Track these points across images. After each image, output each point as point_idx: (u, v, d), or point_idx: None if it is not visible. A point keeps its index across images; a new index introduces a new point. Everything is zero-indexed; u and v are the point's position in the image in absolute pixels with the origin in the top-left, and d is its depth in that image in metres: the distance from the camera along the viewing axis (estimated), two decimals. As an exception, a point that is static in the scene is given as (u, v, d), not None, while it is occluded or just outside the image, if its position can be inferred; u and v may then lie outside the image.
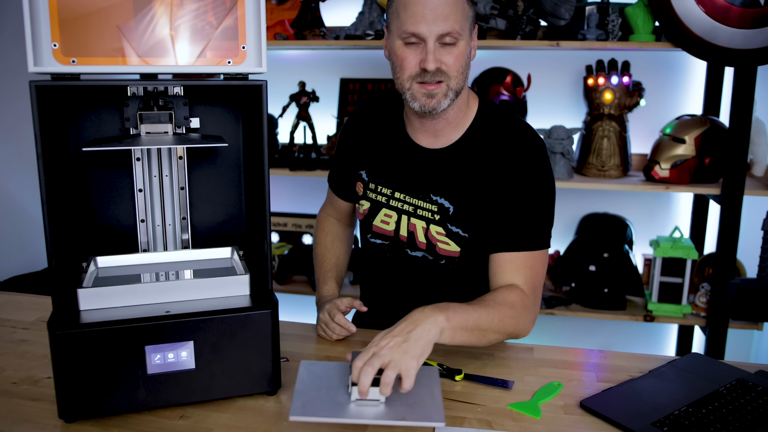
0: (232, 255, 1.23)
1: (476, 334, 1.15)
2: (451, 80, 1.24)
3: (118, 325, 1.00)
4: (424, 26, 1.19)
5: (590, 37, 2.23)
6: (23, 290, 2.45)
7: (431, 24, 1.19)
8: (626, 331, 2.70)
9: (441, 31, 1.19)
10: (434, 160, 1.34)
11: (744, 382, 1.15)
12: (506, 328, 1.20)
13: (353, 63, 2.75)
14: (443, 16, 1.19)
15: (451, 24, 1.19)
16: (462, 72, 1.25)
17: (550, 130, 2.35)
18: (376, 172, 1.40)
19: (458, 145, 1.32)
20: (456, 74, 1.24)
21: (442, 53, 1.21)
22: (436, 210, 1.33)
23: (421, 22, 1.19)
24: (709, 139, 2.23)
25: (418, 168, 1.35)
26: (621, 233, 2.51)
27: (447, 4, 1.19)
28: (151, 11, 1.01)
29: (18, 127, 2.74)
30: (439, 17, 1.18)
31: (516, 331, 1.23)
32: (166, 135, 1.14)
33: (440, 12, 1.18)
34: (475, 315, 1.14)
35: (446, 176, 1.32)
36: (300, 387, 1.01)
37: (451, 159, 1.32)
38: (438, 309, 1.09)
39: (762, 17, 1.99)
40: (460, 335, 1.12)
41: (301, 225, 2.83)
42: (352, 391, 0.97)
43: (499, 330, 1.19)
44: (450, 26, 1.19)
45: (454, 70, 1.23)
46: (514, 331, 1.22)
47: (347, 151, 1.47)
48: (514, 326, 1.21)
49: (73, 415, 1.02)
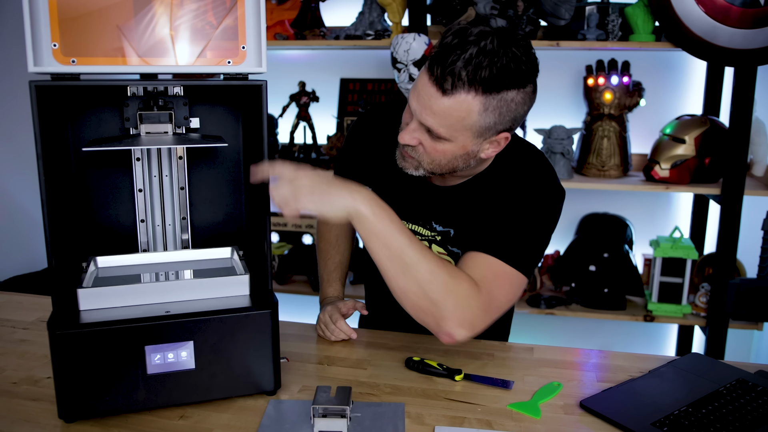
0: (232, 255, 1.23)
1: (396, 261, 1.03)
2: (423, 163, 1.13)
3: (118, 325, 1.00)
4: (414, 103, 1.08)
5: (590, 37, 2.23)
6: (23, 290, 2.45)
7: (420, 107, 1.07)
8: (626, 331, 2.70)
9: (424, 121, 1.07)
10: (440, 195, 1.27)
11: (744, 382, 1.15)
12: (432, 289, 1.03)
13: (353, 63, 2.75)
14: (431, 111, 1.05)
15: (436, 124, 1.06)
16: (441, 165, 1.13)
17: (550, 130, 2.35)
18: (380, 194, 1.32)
19: (467, 185, 1.25)
20: (430, 161, 1.12)
21: (424, 137, 1.09)
22: (436, 234, 1.29)
23: (414, 97, 1.08)
24: (709, 139, 2.23)
25: (422, 200, 1.29)
26: (621, 233, 2.51)
27: (440, 103, 1.03)
28: (151, 11, 1.01)
29: (18, 127, 2.74)
30: (427, 108, 1.05)
31: (441, 306, 1.04)
32: (166, 135, 1.14)
33: (430, 105, 1.04)
34: (407, 241, 1.02)
35: (451, 210, 1.26)
36: (266, 422, 1.04)
37: (458, 196, 1.26)
38: (372, 199, 1.02)
39: (762, 17, 1.99)
40: (375, 242, 1.02)
41: (301, 225, 2.83)
42: (315, 423, 0.98)
43: (423, 280, 1.03)
44: (433, 124, 1.06)
45: (428, 157, 1.12)
46: (440, 303, 1.04)
47: (354, 161, 1.40)
48: (442, 295, 1.04)
49: (73, 415, 1.02)
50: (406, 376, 1.20)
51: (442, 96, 1.03)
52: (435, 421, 1.05)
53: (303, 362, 1.26)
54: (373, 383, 1.18)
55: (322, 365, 1.25)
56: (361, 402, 1.10)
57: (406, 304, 1.08)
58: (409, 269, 1.03)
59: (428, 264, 1.04)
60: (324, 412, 0.98)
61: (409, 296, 1.06)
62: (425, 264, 1.03)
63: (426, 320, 1.08)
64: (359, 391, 1.15)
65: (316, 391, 1.02)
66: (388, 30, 2.43)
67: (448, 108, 1.03)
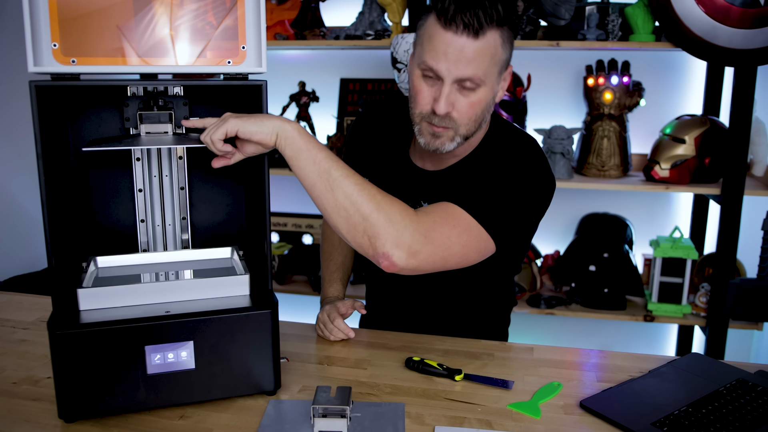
0: (232, 255, 1.23)
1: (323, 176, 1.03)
2: (460, 128, 1.15)
3: (118, 325, 1.00)
4: (443, 65, 1.09)
5: (590, 37, 2.23)
6: (23, 290, 2.45)
7: (452, 64, 1.09)
8: (626, 331, 2.70)
9: (461, 75, 1.09)
10: (431, 180, 1.31)
11: (744, 382, 1.15)
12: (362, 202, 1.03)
13: (353, 63, 2.75)
14: (466, 60, 1.08)
15: (473, 69, 1.09)
16: (475, 120, 1.16)
17: (550, 130, 2.35)
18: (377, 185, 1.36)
19: (457, 167, 1.29)
20: (467, 122, 1.15)
21: (457, 97, 1.12)
22: None
23: (441, 59, 1.09)
24: (709, 139, 2.23)
25: (413, 186, 1.33)
26: (621, 233, 2.51)
27: (475, 48, 1.07)
28: (151, 11, 1.01)
29: (18, 127, 2.74)
30: (461, 59, 1.08)
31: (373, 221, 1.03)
32: (166, 135, 1.14)
33: (465, 54, 1.08)
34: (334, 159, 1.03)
35: (440, 192, 1.29)
36: (266, 422, 1.03)
37: (447, 179, 1.29)
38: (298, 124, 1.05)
39: (762, 17, 1.99)
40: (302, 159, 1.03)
41: (301, 225, 2.83)
42: (315, 423, 0.98)
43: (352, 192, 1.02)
44: (472, 72, 1.09)
45: (465, 118, 1.14)
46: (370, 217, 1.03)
47: (353, 155, 1.45)
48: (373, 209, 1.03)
49: (73, 415, 1.02)
50: (406, 376, 1.20)
51: (475, 40, 1.08)
52: (435, 421, 1.06)
53: (303, 362, 1.26)
54: (373, 383, 1.18)
55: (322, 365, 1.25)
56: (361, 402, 1.10)
57: (338, 222, 1.05)
58: (338, 183, 1.03)
59: (356, 179, 1.04)
60: (324, 412, 0.98)
61: (339, 213, 1.04)
62: (353, 178, 1.04)
63: (360, 241, 1.05)
64: (359, 391, 1.15)
65: (316, 391, 1.02)
66: (388, 30, 2.43)
67: (481, 49, 1.08)
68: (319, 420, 0.98)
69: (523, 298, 2.48)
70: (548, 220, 1.50)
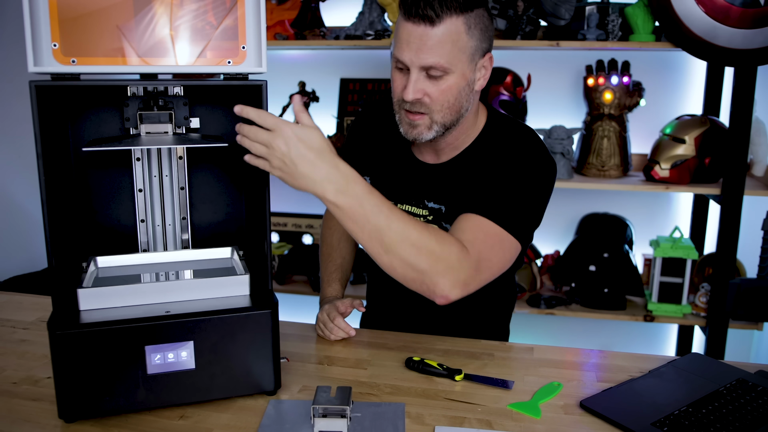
0: (232, 255, 1.23)
1: (375, 242, 1.03)
2: (435, 114, 1.19)
3: (118, 325, 1.00)
4: (407, 54, 1.14)
5: (590, 37, 2.23)
6: (23, 290, 2.45)
7: (413, 53, 1.14)
8: (626, 331, 2.70)
9: (423, 63, 1.14)
10: (433, 174, 1.32)
11: (744, 382, 1.15)
12: (419, 261, 1.04)
13: (353, 63, 2.75)
14: (427, 48, 1.12)
15: (436, 58, 1.13)
16: (449, 107, 1.19)
17: (550, 130, 2.35)
18: (379, 182, 1.39)
19: (458, 160, 1.30)
20: (440, 108, 1.18)
21: (426, 84, 1.16)
22: (427, 213, 1.32)
23: (405, 49, 1.14)
24: (709, 139, 2.23)
25: (416, 181, 1.34)
26: (621, 233, 2.51)
27: (433, 35, 1.12)
28: (151, 11, 1.01)
29: (18, 127, 2.74)
30: (422, 48, 1.13)
31: (431, 274, 1.05)
32: (166, 135, 1.14)
33: (424, 43, 1.12)
34: (384, 222, 1.01)
35: (443, 187, 1.31)
36: (266, 422, 1.03)
37: (449, 173, 1.31)
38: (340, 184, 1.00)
39: (762, 17, 1.99)
40: (349, 226, 1.02)
41: (301, 225, 2.83)
42: (315, 423, 0.98)
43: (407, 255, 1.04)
44: (434, 60, 1.13)
45: (438, 104, 1.17)
46: (428, 272, 1.05)
47: (354, 154, 1.46)
48: (430, 264, 1.05)
49: (73, 415, 1.02)
50: (406, 376, 1.21)
51: (433, 28, 1.12)
52: (435, 421, 1.06)
53: (303, 362, 1.26)
54: (373, 383, 1.18)
55: (322, 365, 1.25)
56: (361, 402, 1.10)
57: (395, 276, 1.08)
58: (391, 248, 1.04)
59: (410, 239, 1.04)
60: (324, 412, 0.98)
61: (396, 271, 1.07)
62: (407, 240, 1.04)
63: (418, 289, 1.09)
64: (359, 391, 1.15)
65: (316, 391, 1.02)
66: (388, 30, 2.43)
67: (441, 36, 1.12)
68: (319, 420, 0.98)
69: (523, 298, 2.48)
70: (548, 220, 1.51)
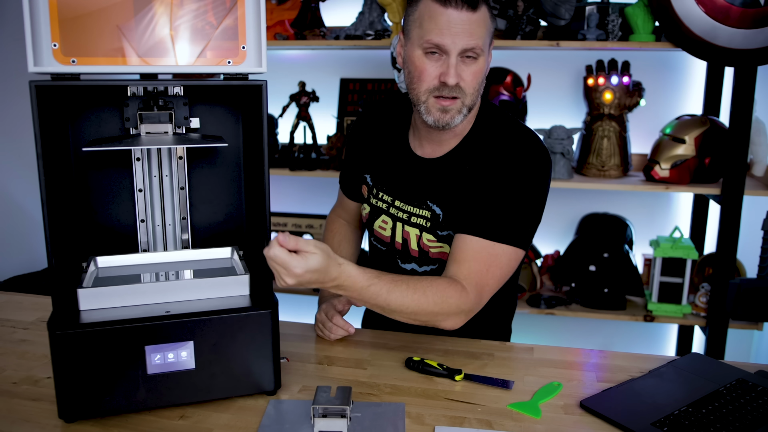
0: (232, 255, 1.23)
1: (382, 311, 1.15)
2: (467, 97, 1.22)
3: (118, 325, 1.00)
4: (449, 39, 1.17)
5: (590, 37, 2.23)
6: (23, 290, 2.45)
7: (456, 37, 1.17)
8: (626, 331, 2.70)
9: (465, 45, 1.17)
10: (432, 168, 1.33)
11: (744, 382, 1.15)
12: (424, 313, 1.16)
13: (353, 63, 2.75)
14: (469, 31, 1.17)
15: (476, 39, 1.18)
16: (477, 89, 1.24)
17: (550, 130, 2.35)
18: (379, 179, 1.40)
19: (455, 153, 1.31)
20: (472, 91, 1.23)
21: (462, 68, 1.20)
22: (429, 216, 1.32)
23: (446, 34, 1.17)
24: (709, 139, 2.23)
25: (416, 177, 1.35)
26: (621, 233, 2.51)
27: (474, 20, 1.17)
28: (151, 11, 1.01)
29: (18, 128, 2.74)
30: (464, 31, 1.17)
31: (437, 318, 1.18)
32: (166, 135, 1.14)
33: (467, 26, 1.17)
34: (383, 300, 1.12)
35: (442, 183, 1.31)
36: (266, 422, 1.03)
37: (447, 167, 1.31)
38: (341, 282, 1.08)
39: (762, 17, 1.99)
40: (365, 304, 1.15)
41: (301, 225, 2.83)
42: (315, 423, 0.98)
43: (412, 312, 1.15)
44: (475, 41, 1.18)
45: (471, 87, 1.22)
46: (433, 318, 1.18)
47: (354, 153, 1.48)
48: (434, 314, 1.17)
49: (73, 415, 1.02)
50: (406, 376, 1.21)
51: (474, 13, 1.17)
52: (435, 421, 1.06)
53: (303, 362, 1.26)
54: (373, 383, 1.18)
55: (322, 365, 1.25)
56: (361, 402, 1.10)
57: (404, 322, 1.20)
58: (397, 313, 1.15)
59: (409, 309, 1.15)
60: (324, 412, 0.98)
61: (405, 321, 1.18)
62: (406, 311, 1.15)
63: (426, 326, 1.21)
64: (359, 391, 1.15)
65: (316, 391, 1.02)
66: (388, 30, 2.43)
67: (480, 21, 1.19)
68: (319, 420, 0.98)
69: (523, 298, 2.48)
70: (548, 220, 1.51)
